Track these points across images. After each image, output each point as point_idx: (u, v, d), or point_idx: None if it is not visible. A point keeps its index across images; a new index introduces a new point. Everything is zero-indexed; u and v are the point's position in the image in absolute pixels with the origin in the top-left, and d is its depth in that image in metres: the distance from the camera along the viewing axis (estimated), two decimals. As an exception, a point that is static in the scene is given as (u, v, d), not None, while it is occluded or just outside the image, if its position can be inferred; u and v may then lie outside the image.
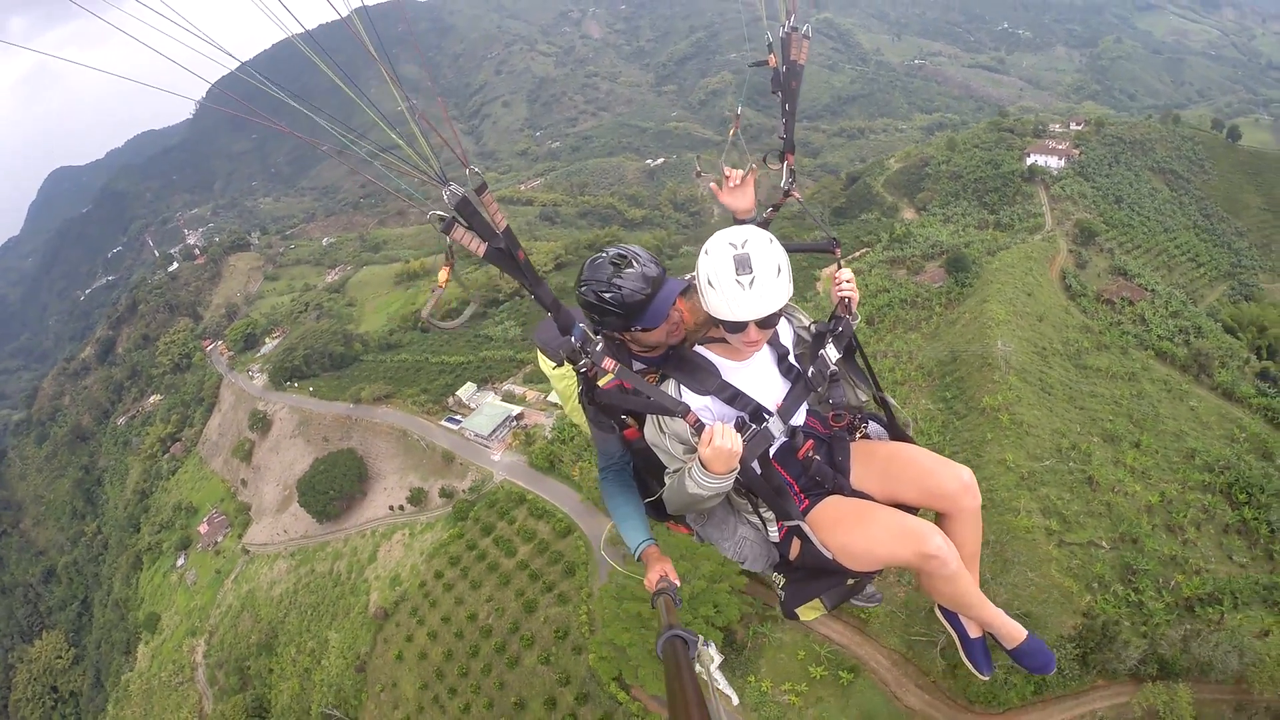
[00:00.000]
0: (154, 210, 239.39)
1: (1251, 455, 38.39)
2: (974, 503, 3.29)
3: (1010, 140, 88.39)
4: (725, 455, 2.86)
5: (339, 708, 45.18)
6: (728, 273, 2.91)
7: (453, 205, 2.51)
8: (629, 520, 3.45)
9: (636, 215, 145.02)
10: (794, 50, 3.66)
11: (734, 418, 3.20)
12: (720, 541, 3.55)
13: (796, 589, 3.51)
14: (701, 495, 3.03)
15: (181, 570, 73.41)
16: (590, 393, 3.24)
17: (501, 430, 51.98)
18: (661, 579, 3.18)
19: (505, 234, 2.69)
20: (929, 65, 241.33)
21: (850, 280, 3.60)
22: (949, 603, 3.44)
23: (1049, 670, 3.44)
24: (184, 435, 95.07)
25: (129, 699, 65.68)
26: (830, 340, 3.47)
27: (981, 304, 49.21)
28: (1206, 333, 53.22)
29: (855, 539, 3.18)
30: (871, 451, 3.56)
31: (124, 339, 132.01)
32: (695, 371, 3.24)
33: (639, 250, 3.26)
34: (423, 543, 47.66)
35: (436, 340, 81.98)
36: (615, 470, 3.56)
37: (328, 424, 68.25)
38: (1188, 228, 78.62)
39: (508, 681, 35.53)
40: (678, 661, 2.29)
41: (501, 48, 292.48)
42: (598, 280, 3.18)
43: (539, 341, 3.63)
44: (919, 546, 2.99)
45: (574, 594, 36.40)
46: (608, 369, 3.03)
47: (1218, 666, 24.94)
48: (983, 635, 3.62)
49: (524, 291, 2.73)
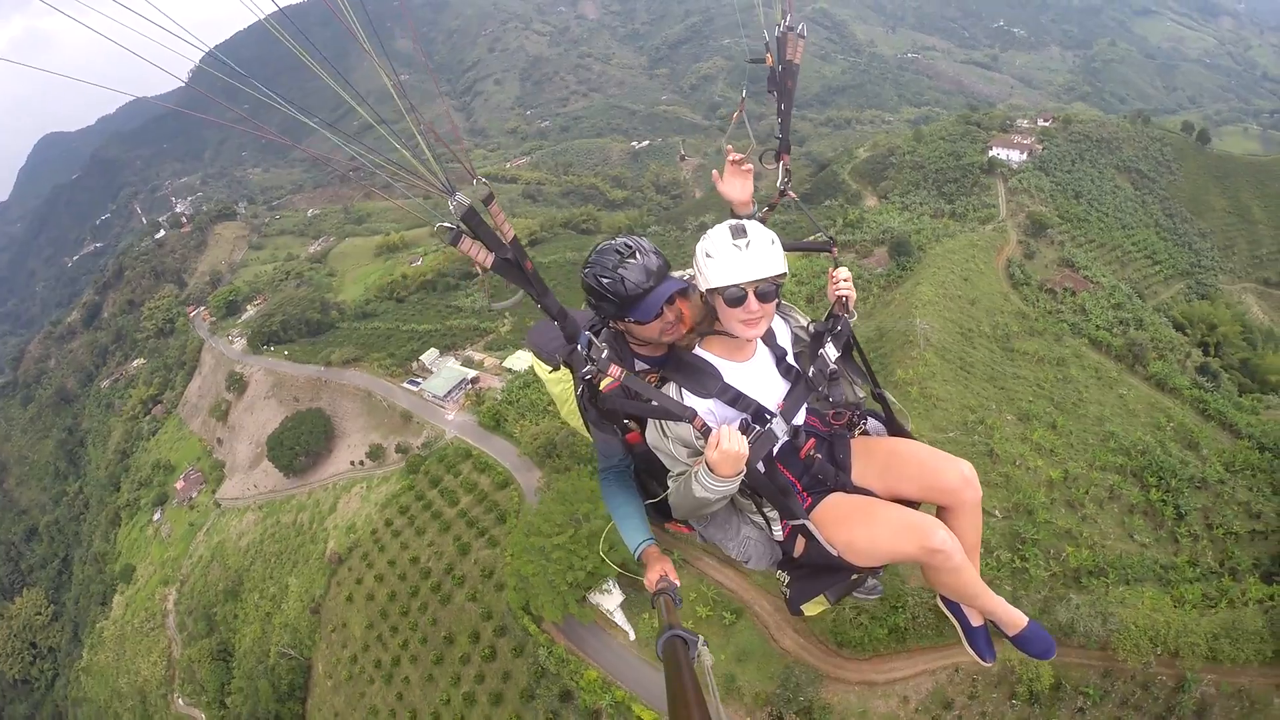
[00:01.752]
0: (144, 178, 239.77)
1: (1175, 443, 40.27)
2: (974, 496, 3.35)
3: (976, 134, 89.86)
4: (732, 458, 2.89)
5: (294, 648, 48.24)
6: (724, 239, 3.06)
7: (459, 216, 2.54)
8: (629, 520, 3.48)
9: (618, 196, 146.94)
10: (789, 49, 3.70)
11: (737, 420, 3.22)
12: (724, 542, 3.59)
13: (801, 586, 3.54)
14: (709, 499, 3.06)
15: (157, 524, 76.23)
16: (592, 397, 3.26)
17: (456, 392, 55.01)
18: (661, 579, 3.20)
19: (513, 244, 2.75)
20: (922, 59, 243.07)
21: (847, 279, 3.69)
22: (952, 594, 3.50)
23: (1050, 655, 3.50)
24: (165, 397, 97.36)
25: (103, 645, 68.86)
26: (829, 339, 3.55)
27: (915, 286, 52.01)
28: (1148, 325, 55.49)
29: (860, 535, 3.22)
30: (872, 448, 3.62)
31: (110, 304, 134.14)
32: (696, 374, 3.26)
33: (645, 243, 3.33)
34: (378, 495, 50.60)
35: (409, 309, 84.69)
36: (615, 471, 3.60)
37: (299, 385, 71.01)
38: (1149, 226, 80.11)
39: (440, 618, 38.67)
40: (678, 661, 2.30)
41: (497, 25, 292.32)
42: (603, 265, 3.26)
43: (533, 346, 3.69)
44: (923, 541, 3.05)
45: (503, 538, 39.38)
46: (613, 375, 3.06)
47: (1080, 630, 25.95)
48: (985, 624, 3.68)
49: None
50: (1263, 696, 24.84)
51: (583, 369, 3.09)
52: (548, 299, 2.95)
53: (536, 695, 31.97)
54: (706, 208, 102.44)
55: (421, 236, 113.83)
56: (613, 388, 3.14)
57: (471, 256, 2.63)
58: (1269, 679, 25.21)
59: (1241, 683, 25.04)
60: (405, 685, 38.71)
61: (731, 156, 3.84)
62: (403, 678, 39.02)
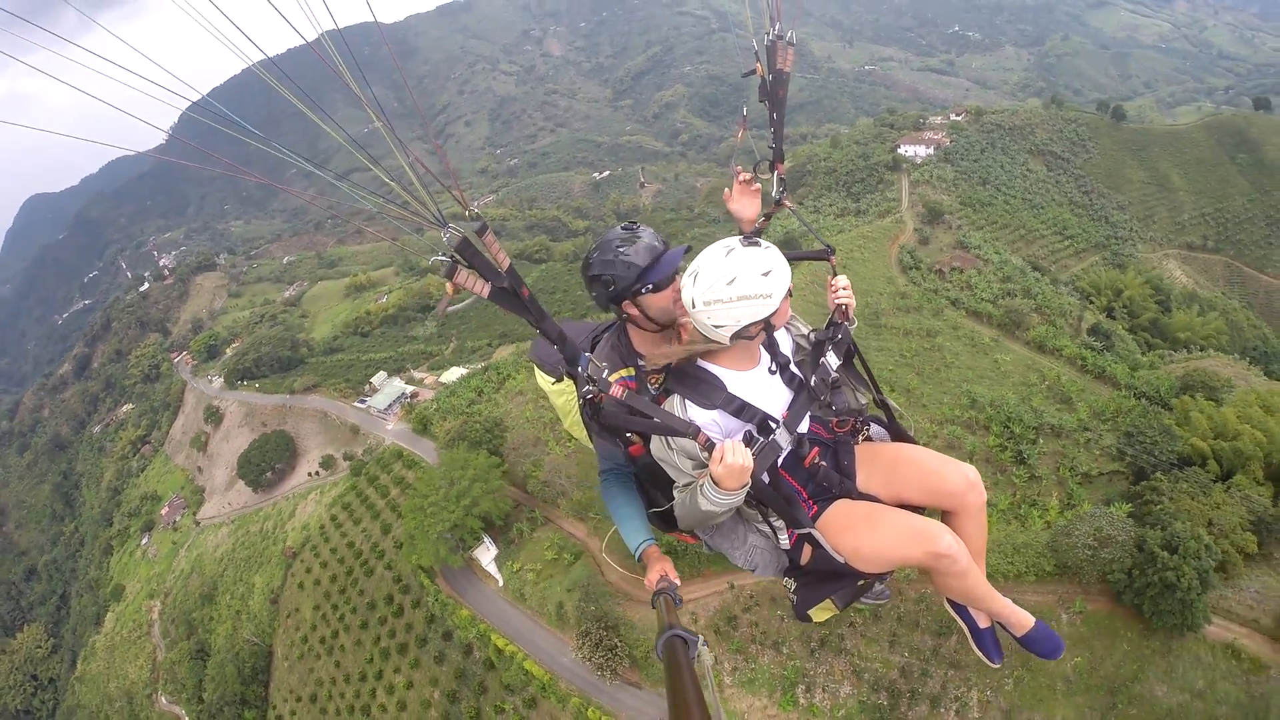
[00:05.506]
0: (128, 235, 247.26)
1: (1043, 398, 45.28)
2: (979, 500, 3.43)
3: (887, 135, 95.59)
4: (737, 472, 2.90)
5: (258, 636, 55.01)
6: (753, 274, 3.08)
7: (453, 247, 2.57)
8: (630, 521, 3.55)
9: (579, 226, 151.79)
10: (780, 58, 3.70)
11: (742, 430, 3.25)
12: (730, 551, 3.65)
13: (808, 592, 3.57)
14: (715, 512, 3.08)
15: (145, 547, 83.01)
16: (595, 415, 3.23)
17: (395, 405, 62.84)
18: (662, 578, 3.29)
19: (509, 272, 2.78)
20: (879, 70, 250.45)
21: (847, 287, 3.79)
22: (959, 597, 3.53)
23: (1058, 654, 3.55)
24: (152, 437, 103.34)
25: (95, 656, 75.33)
26: (830, 347, 3.61)
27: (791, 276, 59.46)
28: (1036, 294, 59.92)
29: (866, 542, 3.27)
30: (875, 453, 3.67)
31: (99, 354, 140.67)
32: (700, 386, 3.27)
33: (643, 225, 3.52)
34: (328, 497, 57.62)
35: (372, 342, 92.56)
36: (615, 473, 3.67)
37: (268, 412, 78.47)
38: (1062, 204, 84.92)
39: (365, 589, 45.97)
40: (678, 661, 2.33)
41: (465, 68, 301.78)
42: (617, 239, 3.44)
43: (536, 359, 3.73)
44: (930, 547, 3.10)
45: (409, 513, 46.84)
46: (616, 396, 3.07)
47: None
48: (992, 625, 3.72)
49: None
50: (1050, 611, 30.08)
51: (583, 389, 3.14)
52: (546, 324, 3.01)
53: (429, 639, 39.74)
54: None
55: (387, 276, 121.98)
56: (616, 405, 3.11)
57: (468, 288, 2.71)
58: (1051, 594, 30.53)
59: (1024, 599, 31.84)
60: (342, 653, 45.69)
61: (741, 176, 3.85)
62: (340, 646, 46.01)
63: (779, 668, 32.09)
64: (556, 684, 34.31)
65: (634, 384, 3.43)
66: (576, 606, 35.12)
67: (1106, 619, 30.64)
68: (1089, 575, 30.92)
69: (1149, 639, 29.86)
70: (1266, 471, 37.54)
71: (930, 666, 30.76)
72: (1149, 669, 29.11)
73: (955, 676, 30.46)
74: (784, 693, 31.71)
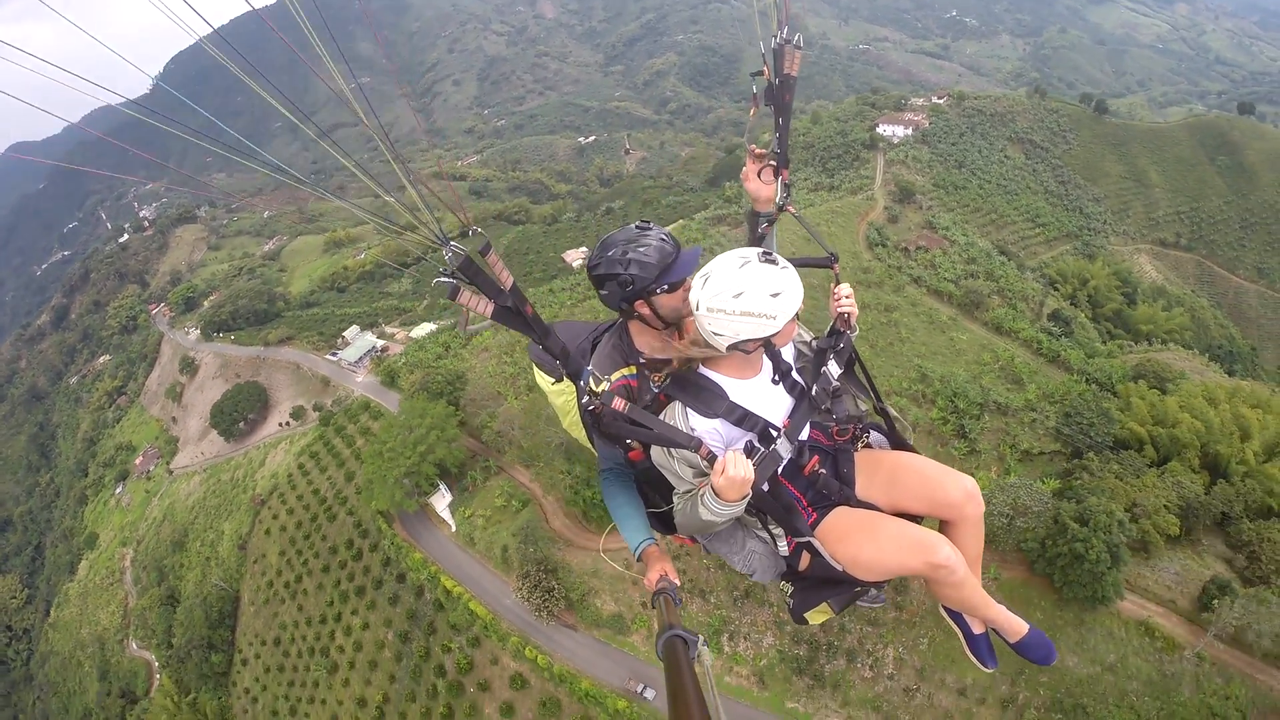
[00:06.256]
0: (109, 186, 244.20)
1: (994, 377, 46.23)
2: (977, 510, 3.43)
3: (868, 113, 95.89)
4: (738, 484, 2.92)
5: (225, 581, 55.92)
6: (762, 293, 2.97)
7: (455, 266, 2.54)
8: (630, 520, 3.52)
9: (562, 190, 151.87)
10: (787, 63, 3.69)
11: (743, 439, 3.25)
12: (729, 555, 3.66)
13: (805, 595, 3.60)
14: (715, 521, 3.11)
15: (119, 496, 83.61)
16: (596, 424, 3.33)
17: (365, 359, 63.34)
18: (662, 578, 3.24)
19: (512, 291, 2.78)
20: (873, 50, 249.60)
21: (849, 295, 3.68)
22: (955, 605, 3.59)
23: (1051, 661, 3.54)
24: (129, 388, 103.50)
25: (68, 602, 76.31)
26: (832, 356, 3.57)
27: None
28: (999, 277, 60.89)
29: (865, 551, 3.27)
30: (875, 462, 3.68)
31: (77, 305, 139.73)
32: (701, 394, 3.24)
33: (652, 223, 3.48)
34: (297, 446, 58.38)
35: (349, 298, 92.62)
36: (615, 472, 3.64)
37: (242, 364, 78.70)
38: (1037, 192, 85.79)
39: (328, 534, 47.00)
40: (678, 661, 2.33)
41: (456, 26, 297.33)
42: (631, 239, 3.37)
43: (536, 359, 3.65)
44: (928, 557, 3.10)
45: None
46: (618, 409, 3.07)
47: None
48: (986, 631, 3.75)
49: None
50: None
51: (584, 400, 3.12)
52: (550, 340, 3.04)
53: (384, 581, 40.80)
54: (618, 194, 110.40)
55: (366, 233, 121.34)
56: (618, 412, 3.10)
57: (472, 308, 2.70)
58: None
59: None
60: (304, 597, 46.81)
61: (756, 151, 3.85)
62: (303, 590, 47.10)
63: (706, 615, 33.33)
64: (498, 624, 35.62)
65: (635, 382, 3.42)
66: (519, 550, 36.13)
67: (1021, 587, 31.83)
68: (1005, 543, 32.05)
69: (1062, 610, 31.04)
70: (1203, 460, 38.66)
71: (849, 622, 31.97)
72: (1061, 639, 30.17)
73: (872, 633, 31.80)
74: (709, 640, 32.96)
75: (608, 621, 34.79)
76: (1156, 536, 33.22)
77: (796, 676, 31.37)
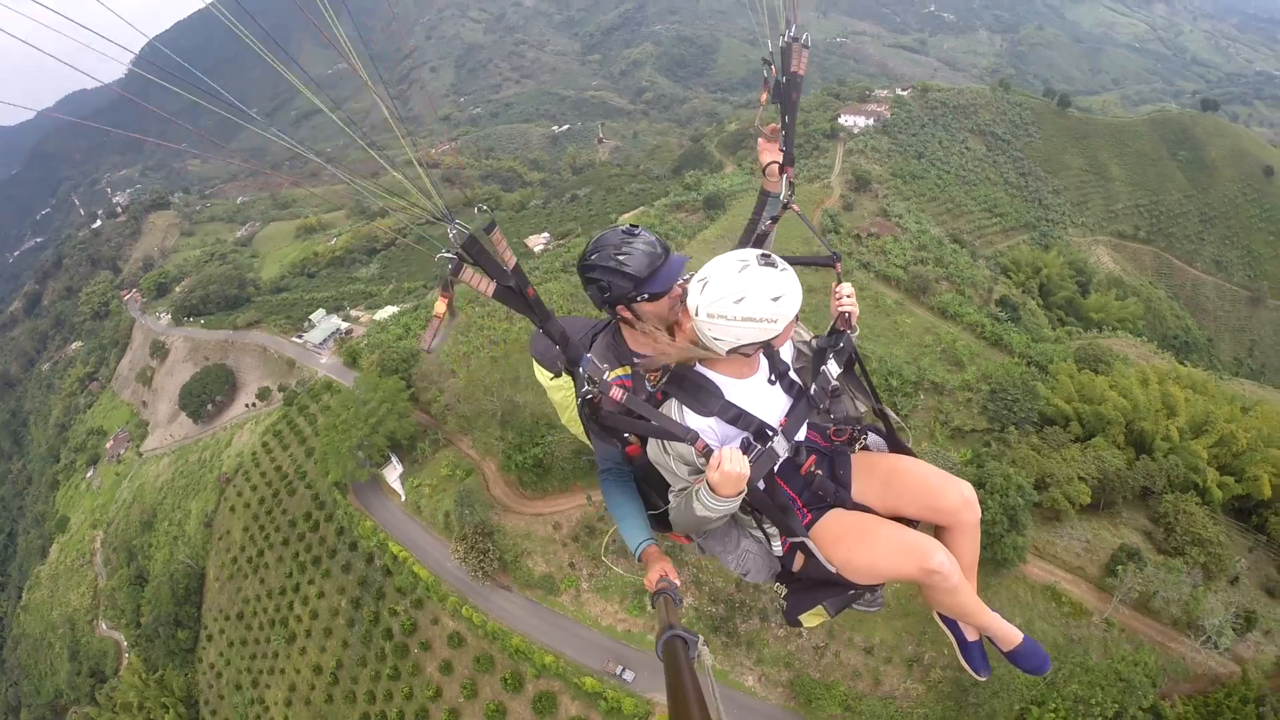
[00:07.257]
0: (83, 171, 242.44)
1: (934, 358, 47.48)
2: (973, 517, 3.37)
3: (832, 104, 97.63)
4: (734, 479, 2.90)
5: (192, 559, 57.15)
6: (763, 297, 2.93)
7: (459, 245, 2.55)
8: (629, 520, 3.55)
9: (535, 178, 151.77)
10: (794, 61, 3.76)
11: (738, 438, 3.21)
12: (723, 555, 3.62)
13: (799, 598, 3.58)
14: (710, 517, 3.09)
15: (90, 480, 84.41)
16: (593, 415, 3.24)
17: (329, 341, 64.64)
18: (662, 578, 3.27)
19: (515, 271, 2.78)
20: (850, 43, 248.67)
21: (850, 295, 3.67)
22: (949, 612, 3.54)
23: (1045, 670, 3.50)
24: (100, 374, 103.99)
25: (39, 585, 77.21)
26: (831, 356, 3.53)
27: (700, 230, 61.90)
28: (948, 264, 61.99)
29: (859, 554, 3.24)
30: (872, 464, 3.62)
31: (50, 292, 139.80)
32: (697, 392, 3.20)
33: (642, 228, 3.44)
34: (262, 427, 59.52)
35: (318, 283, 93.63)
36: (615, 472, 3.66)
37: (211, 347, 79.58)
38: (996, 183, 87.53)
39: (289, 507, 48.42)
40: (678, 661, 2.32)
41: (434, 12, 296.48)
42: (613, 245, 3.32)
43: (535, 354, 3.65)
44: (922, 563, 3.07)
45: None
46: (615, 398, 3.06)
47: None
48: (979, 638, 3.71)
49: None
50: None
51: (582, 390, 3.13)
52: (550, 324, 3.04)
53: (338, 550, 42.51)
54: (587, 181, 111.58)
55: (338, 219, 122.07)
56: (614, 406, 3.10)
57: (473, 286, 2.69)
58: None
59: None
60: (266, 570, 48.19)
61: (769, 126, 3.95)
62: (265, 564, 48.47)
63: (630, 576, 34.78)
64: (439, 585, 37.41)
65: (630, 382, 3.37)
66: (457, 514, 37.90)
67: (926, 550, 33.76)
68: (909, 508, 33.84)
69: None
70: (1129, 437, 40.21)
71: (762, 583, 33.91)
72: (963, 601, 32.11)
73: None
74: (633, 600, 34.80)
75: (539, 582, 36.49)
76: (1068, 505, 34.76)
77: (712, 634, 32.92)
